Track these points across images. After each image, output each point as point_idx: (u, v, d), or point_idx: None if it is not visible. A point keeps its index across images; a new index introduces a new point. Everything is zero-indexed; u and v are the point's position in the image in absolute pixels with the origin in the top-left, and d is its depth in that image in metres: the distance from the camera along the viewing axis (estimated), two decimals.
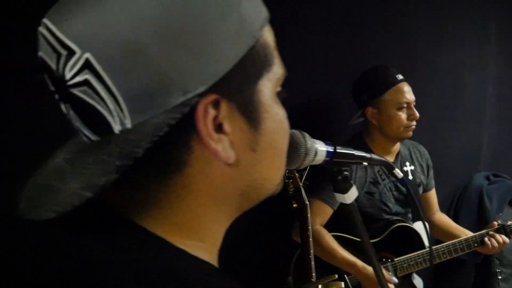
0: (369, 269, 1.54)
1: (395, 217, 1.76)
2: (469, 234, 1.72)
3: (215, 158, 0.40)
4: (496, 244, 1.59)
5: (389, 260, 1.65)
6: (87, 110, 0.37)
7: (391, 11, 2.07)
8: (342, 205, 0.80)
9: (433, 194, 1.96)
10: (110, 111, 0.37)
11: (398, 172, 0.83)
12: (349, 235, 1.67)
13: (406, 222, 1.74)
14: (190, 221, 0.42)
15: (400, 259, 1.64)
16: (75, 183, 0.37)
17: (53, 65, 0.37)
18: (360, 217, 0.83)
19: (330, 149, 0.70)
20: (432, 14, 2.18)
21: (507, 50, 2.45)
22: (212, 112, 0.38)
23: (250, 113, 0.42)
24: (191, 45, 0.37)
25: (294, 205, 1.52)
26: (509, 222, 1.65)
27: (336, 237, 1.64)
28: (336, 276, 1.33)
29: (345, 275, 1.62)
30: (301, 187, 1.53)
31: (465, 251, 1.66)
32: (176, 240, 0.40)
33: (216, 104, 0.39)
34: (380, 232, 1.69)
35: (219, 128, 0.40)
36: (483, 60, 2.37)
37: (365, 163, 0.77)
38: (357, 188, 1.69)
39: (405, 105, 1.68)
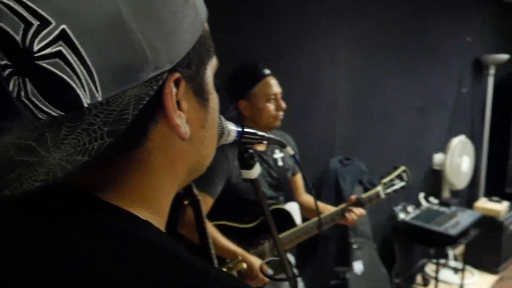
0: (250, 257, 1.66)
1: (269, 201, 1.91)
2: (332, 209, 1.95)
3: (172, 133, 0.44)
4: (355, 216, 1.85)
5: (268, 240, 1.79)
6: (54, 83, 0.37)
7: (260, 14, 2.23)
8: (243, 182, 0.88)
9: (299, 178, 2.16)
10: (82, 85, 0.37)
11: (289, 149, 0.94)
12: (230, 222, 1.77)
13: (279, 205, 1.91)
14: (150, 195, 0.45)
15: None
16: (56, 155, 0.37)
17: (17, 36, 0.36)
18: (264, 191, 0.93)
19: (239, 129, 0.78)
20: (294, 19, 2.41)
21: (354, 51, 2.82)
22: (174, 90, 0.42)
23: (201, 93, 0.47)
24: (163, 24, 0.40)
25: (185, 202, 1.54)
26: (363, 196, 1.92)
27: (217, 226, 1.72)
28: (240, 257, 1.41)
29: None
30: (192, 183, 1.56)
31: (330, 225, 1.88)
32: (140, 213, 0.43)
33: (176, 83, 0.42)
34: (258, 216, 1.82)
35: (177, 105, 0.43)
36: (335, 60, 2.69)
37: (265, 142, 0.86)
38: (236, 176, 1.82)
39: (273, 97, 1.83)
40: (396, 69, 3.27)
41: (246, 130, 0.79)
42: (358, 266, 2.54)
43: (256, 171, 0.88)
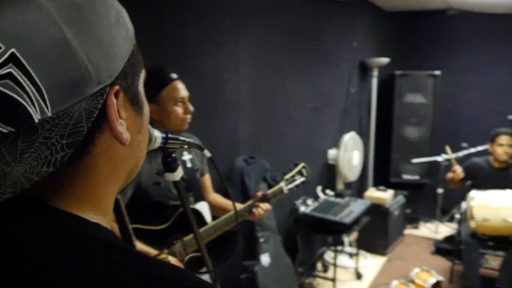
0: (167, 257, 1.70)
1: (180, 202, 1.95)
2: (240, 206, 2.04)
3: (115, 140, 0.49)
4: (262, 211, 1.97)
5: (180, 240, 1.83)
6: (5, 103, 0.39)
7: (164, 18, 2.24)
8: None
9: (207, 178, 2.23)
10: (32, 102, 0.40)
11: (207, 152, 1.01)
12: (141, 225, 1.78)
13: (190, 205, 1.96)
14: (97, 198, 0.50)
15: (188, 238, 1.85)
16: (19, 168, 0.40)
17: None
18: (186, 193, 0.98)
19: (164, 135, 0.83)
20: (198, 23, 2.46)
21: (255, 54, 2.95)
22: (114, 101, 0.47)
23: (136, 102, 0.53)
24: (102, 43, 0.45)
25: None
26: (268, 192, 2.05)
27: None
28: (166, 251, 1.44)
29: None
30: None
31: (239, 220, 1.98)
32: (90, 217, 0.47)
33: (116, 95, 0.48)
34: (169, 217, 1.85)
35: (118, 114, 0.48)
36: (237, 62, 2.79)
37: (186, 146, 0.93)
38: (145, 180, 1.83)
39: (181, 100, 1.87)
40: (294, 71, 3.49)
41: (170, 136, 0.85)
42: (265, 259, 2.68)
43: (179, 173, 0.94)
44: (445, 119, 5.40)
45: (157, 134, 0.83)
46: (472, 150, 4.50)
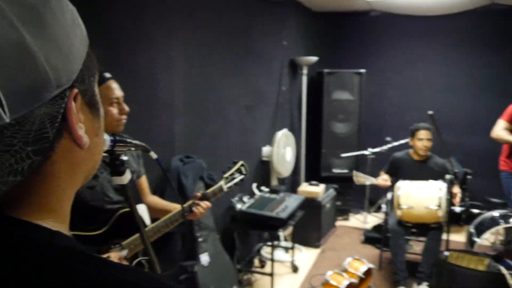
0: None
1: (117, 206, 1.89)
2: (178, 207, 2.02)
3: (73, 144, 0.47)
4: (202, 210, 1.96)
5: (118, 245, 1.78)
6: None
7: (96, 17, 2.14)
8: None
9: (144, 180, 2.18)
10: None
11: (153, 153, 0.99)
12: (77, 231, 1.71)
13: (126, 208, 1.90)
14: (56, 204, 0.48)
15: (127, 242, 1.80)
16: None
17: None
18: (111, 196, 0.95)
19: (112, 138, 0.80)
20: (130, 22, 2.39)
21: (189, 53, 2.92)
22: (74, 104, 0.46)
23: (93, 104, 0.51)
24: (61, 45, 0.43)
25: None
26: (208, 191, 2.05)
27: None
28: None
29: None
30: None
31: (179, 221, 1.95)
32: (49, 224, 0.45)
33: (75, 98, 0.46)
34: (106, 222, 1.79)
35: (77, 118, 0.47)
36: (171, 61, 2.75)
37: (133, 148, 0.90)
38: None
39: (116, 101, 1.81)
40: (227, 69, 3.50)
41: (118, 138, 0.82)
42: (204, 258, 2.67)
43: (127, 177, 0.91)
44: (371, 115, 5.70)
45: (106, 137, 0.80)
46: (395, 143, 4.79)
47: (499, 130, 3.88)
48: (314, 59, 4.90)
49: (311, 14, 5.56)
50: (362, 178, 4.04)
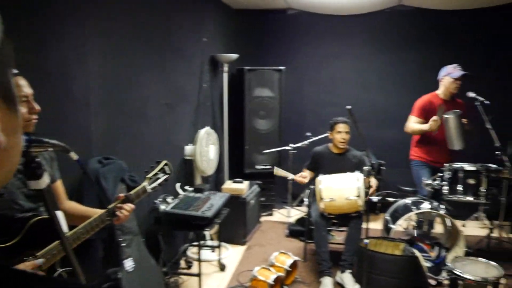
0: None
1: (29, 214, 1.73)
2: (99, 212, 1.90)
3: None
4: (126, 213, 1.86)
5: (32, 257, 1.63)
6: None
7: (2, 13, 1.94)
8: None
9: (60, 185, 2.02)
10: None
11: (74, 154, 0.90)
12: None
13: (40, 216, 1.75)
14: None
15: (42, 253, 1.65)
16: None
17: None
18: (21, 204, 0.86)
19: (27, 137, 0.71)
20: (39, 17, 2.19)
21: (104, 49, 2.76)
22: None
23: (9, 98, 0.44)
24: None
25: None
26: (131, 192, 1.95)
27: None
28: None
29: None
30: None
31: (100, 227, 1.84)
32: None
33: None
34: (18, 232, 1.63)
35: None
36: (85, 57, 2.58)
37: (51, 149, 0.80)
38: None
39: (24, 99, 1.65)
40: (147, 66, 3.37)
41: (34, 138, 0.73)
42: (128, 264, 2.54)
43: (44, 180, 0.81)
44: (291, 111, 5.84)
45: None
46: (315, 138, 4.95)
47: (411, 124, 4.19)
48: (234, 56, 4.90)
49: (230, 11, 5.56)
50: (282, 173, 4.14)
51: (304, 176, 4.05)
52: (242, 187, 4.53)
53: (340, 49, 5.82)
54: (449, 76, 4.08)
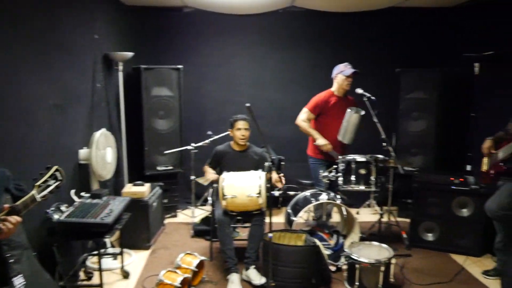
0: None
1: None
2: None
3: None
4: (11, 226, 1.69)
5: None
6: None
7: None
8: None
9: None
10: None
11: None
12: None
13: None
14: None
15: None
16: None
17: None
18: None
19: None
20: None
21: None
22: None
23: None
24: None
25: None
26: (17, 203, 1.77)
27: None
28: None
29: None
30: None
31: None
32: None
33: None
34: None
35: None
36: None
37: None
38: None
39: None
40: (31, 64, 3.09)
41: None
42: (18, 281, 2.30)
43: None
44: (191, 110, 5.79)
45: None
46: (216, 137, 4.97)
47: (302, 119, 4.41)
48: (129, 54, 4.71)
49: (124, 8, 5.33)
50: (203, 180, 4.13)
51: (213, 172, 4.09)
52: (143, 189, 4.38)
53: (237, 48, 5.91)
54: (341, 74, 4.35)
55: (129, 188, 4.42)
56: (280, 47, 5.92)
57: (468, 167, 4.96)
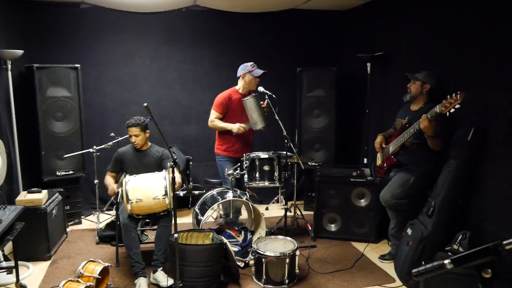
0: None
1: None
2: None
3: None
4: None
5: None
6: None
7: None
8: None
9: None
10: None
11: None
12: None
13: None
14: None
15: None
16: None
17: None
18: None
19: None
20: None
21: None
22: None
23: None
24: None
25: None
26: None
27: None
28: None
29: None
30: None
31: None
32: None
33: None
34: None
35: None
36: None
37: None
38: None
39: None
40: None
41: None
42: None
43: None
44: (92, 111, 5.53)
45: None
46: (120, 138, 4.81)
47: (213, 120, 4.43)
48: (19, 52, 4.38)
49: (11, 2, 4.92)
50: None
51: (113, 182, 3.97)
52: (40, 197, 4.11)
53: (139, 46, 5.74)
54: (250, 73, 4.41)
55: (24, 196, 4.12)
56: (183, 46, 5.87)
57: (365, 160, 5.33)
